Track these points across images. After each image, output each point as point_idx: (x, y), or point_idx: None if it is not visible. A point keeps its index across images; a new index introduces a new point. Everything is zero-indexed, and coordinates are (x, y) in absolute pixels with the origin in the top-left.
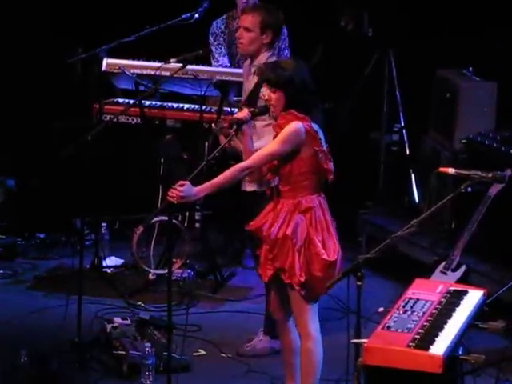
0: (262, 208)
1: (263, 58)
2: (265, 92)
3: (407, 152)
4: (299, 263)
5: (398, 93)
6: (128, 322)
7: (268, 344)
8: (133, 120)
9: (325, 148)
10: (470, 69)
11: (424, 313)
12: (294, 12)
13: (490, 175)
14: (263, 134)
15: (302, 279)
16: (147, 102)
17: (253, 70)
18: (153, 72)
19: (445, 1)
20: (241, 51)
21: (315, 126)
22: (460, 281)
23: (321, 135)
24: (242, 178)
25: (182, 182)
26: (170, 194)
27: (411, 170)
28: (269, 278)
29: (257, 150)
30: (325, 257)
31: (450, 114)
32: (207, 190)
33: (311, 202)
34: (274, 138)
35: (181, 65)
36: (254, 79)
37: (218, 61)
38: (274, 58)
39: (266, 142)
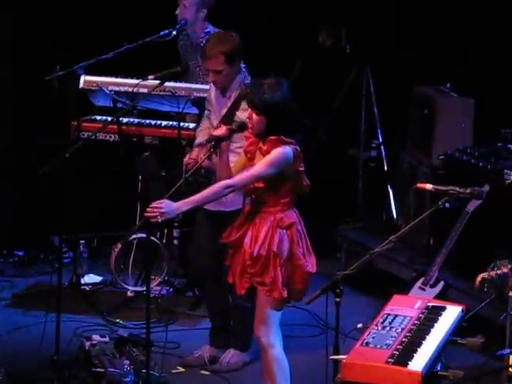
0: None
1: (237, 82)
2: (240, 115)
3: (385, 168)
4: (282, 278)
5: (375, 109)
6: (106, 339)
7: (240, 358)
8: (110, 137)
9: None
10: (448, 85)
11: (402, 329)
12: (273, 28)
13: (468, 191)
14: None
15: (285, 294)
16: (125, 119)
17: (227, 94)
18: (130, 89)
19: (423, 17)
20: (220, 89)
21: (298, 146)
22: (438, 297)
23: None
24: (223, 197)
25: (159, 201)
26: (149, 212)
27: (389, 186)
28: (246, 290)
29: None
30: (308, 269)
31: (428, 130)
32: (188, 205)
33: (292, 217)
34: (253, 158)
35: (158, 82)
36: (227, 103)
37: None
38: (241, 77)
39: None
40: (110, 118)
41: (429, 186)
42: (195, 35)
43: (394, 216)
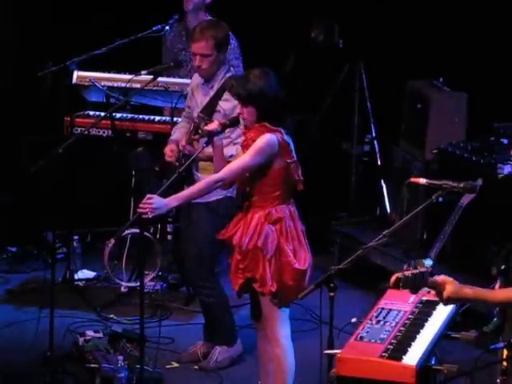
0: (202, 219)
1: (221, 73)
2: (223, 105)
3: (378, 163)
4: (270, 273)
5: (368, 104)
6: (100, 335)
7: (227, 354)
8: (104, 132)
9: (295, 159)
10: (441, 79)
11: (397, 323)
12: (265, 23)
13: (462, 185)
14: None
15: (273, 289)
16: (118, 115)
17: (210, 84)
18: (123, 84)
19: (415, 12)
20: (203, 76)
21: (287, 138)
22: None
23: (291, 146)
24: (213, 190)
25: (149, 196)
26: (141, 208)
27: (382, 181)
28: (239, 286)
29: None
30: (296, 266)
31: (421, 124)
32: (178, 200)
33: (281, 212)
34: (245, 149)
35: (151, 77)
36: (210, 93)
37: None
38: (230, 73)
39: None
40: (103, 114)
41: (422, 181)
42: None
43: (388, 211)
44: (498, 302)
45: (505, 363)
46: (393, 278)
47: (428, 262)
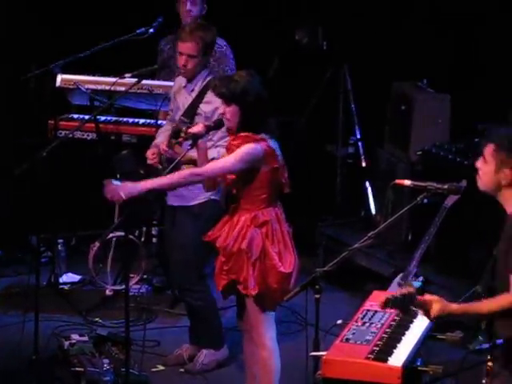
0: (186, 223)
1: (202, 76)
2: (204, 107)
3: (363, 164)
4: (253, 276)
5: (353, 105)
6: (85, 338)
7: (214, 357)
8: (88, 136)
9: (281, 162)
10: (425, 81)
11: (382, 324)
12: (249, 25)
13: (446, 186)
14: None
15: (254, 292)
16: (102, 118)
17: (191, 87)
18: (107, 87)
19: (399, 14)
20: (187, 77)
21: (272, 143)
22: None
23: (278, 151)
24: (189, 184)
25: (107, 181)
26: (108, 196)
27: (367, 183)
28: (222, 287)
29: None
30: (281, 269)
31: (406, 126)
32: (154, 184)
33: (268, 214)
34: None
35: (136, 80)
36: (191, 96)
37: None
38: (211, 76)
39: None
40: (87, 117)
41: (407, 182)
42: None
43: (373, 212)
44: (485, 314)
45: (490, 364)
46: (382, 299)
47: (417, 284)
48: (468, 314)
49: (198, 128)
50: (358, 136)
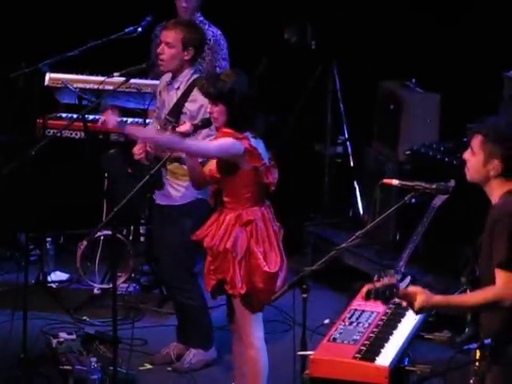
0: (175, 222)
1: (187, 74)
2: (189, 106)
3: (351, 164)
4: (240, 276)
5: (341, 105)
6: (73, 336)
7: (203, 357)
8: (76, 134)
9: (266, 161)
10: (413, 80)
11: (369, 324)
12: (238, 25)
13: (434, 186)
14: None
15: (243, 291)
16: (91, 117)
17: (176, 85)
18: (96, 86)
19: (388, 13)
20: (162, 67)
21: (254, 142)
22: None
23: (261, 150)
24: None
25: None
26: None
27: (355, 182)
28: (212, 287)
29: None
30: (266, 268)
31: (394, 125)
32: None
33: (252, 214)
34: None
35: (124, 79)
36: (176, 94)
37: None
38: (197, 75)
39: None
40: (75, 116)
41: (395, 182)
42: None
43: (361, 212)
44: (469, 307)
45: (477, 364)
46: (364, 290)
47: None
48: (452, 307)
49: (185, 127)
50: (347, 135)
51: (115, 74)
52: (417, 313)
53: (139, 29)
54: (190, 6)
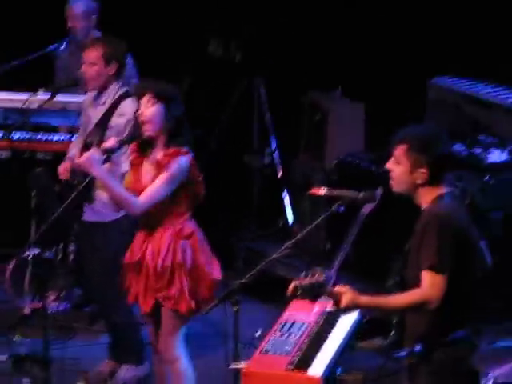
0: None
1: (113, 89)
2: (116, 120)
3: (279, 175)
4: (188, 289)
5: (268, 116)
6: (4, 358)
7: (135, 372)
8: (2, 154)
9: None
10: (339, 90)
11: (301, 334)
12: (161, 39)
13: (361, 195)
14: None
15: (192, 305)
16: (16, 135)
17: (102, 100)
18: (20, 105)
19: (311, 24)
20: (88, 86)
21: (192, 156)
22: None
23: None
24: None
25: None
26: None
27: (284, 193)
28: (150, 307)
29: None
30: (213, 277)
31: (320, 135)
32: (103, 174)
33: (191, 226)
34: (157, 170)
35: (48, 96)
36: (102, 110)
37: None
38: (124, 88)
39: None
40: (0, 135)
41: (322, 191)
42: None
43: (290, 223)
44: (396, 308)
45: (408, 371)
46: (290, 287)
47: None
48: (378, 307)
49: (111, 142)
50: (274, 147)
51: (40, 90)
52: (343, 311)
53: (62, 46)
54: (79, 26)
